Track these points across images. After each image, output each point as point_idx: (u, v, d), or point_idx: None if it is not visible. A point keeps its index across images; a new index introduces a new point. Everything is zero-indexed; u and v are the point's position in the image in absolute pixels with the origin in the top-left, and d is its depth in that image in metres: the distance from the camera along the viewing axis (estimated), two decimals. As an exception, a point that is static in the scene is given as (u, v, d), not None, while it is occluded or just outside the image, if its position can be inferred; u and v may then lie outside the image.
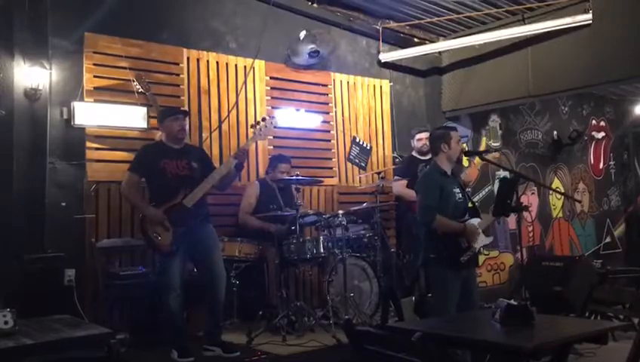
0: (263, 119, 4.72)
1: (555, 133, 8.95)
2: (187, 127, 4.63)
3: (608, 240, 9.65)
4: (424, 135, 6.12)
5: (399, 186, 6.24)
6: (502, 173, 7.39)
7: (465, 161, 5.06)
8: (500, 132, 8.26)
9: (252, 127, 4.73)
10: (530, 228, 8.39)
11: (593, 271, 6.33)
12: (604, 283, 6.46)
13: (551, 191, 8.63)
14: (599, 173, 9.79)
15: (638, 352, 2.71)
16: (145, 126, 5.26)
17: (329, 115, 6.59)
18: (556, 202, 8.85)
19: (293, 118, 6.30)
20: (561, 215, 8.97)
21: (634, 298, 2.93)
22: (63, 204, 4.91)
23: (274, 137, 6.13)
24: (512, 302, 2.76)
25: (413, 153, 6.41)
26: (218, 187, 4.50)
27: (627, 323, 2.64)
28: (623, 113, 10.04)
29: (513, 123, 8.45)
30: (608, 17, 5.89)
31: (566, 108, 9.18)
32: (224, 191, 4.71)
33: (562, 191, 8.85)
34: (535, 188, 8.42)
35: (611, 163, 9.98)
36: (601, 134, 9.82)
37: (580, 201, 9.02)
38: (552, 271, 5.81)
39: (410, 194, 5.54)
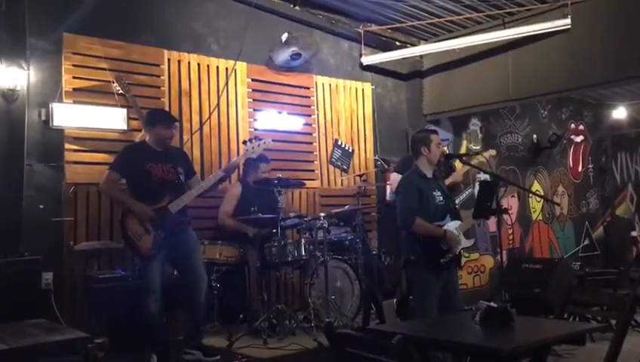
0: (258, 139, 4.70)
1: (534, 136, 9.04)
2: (175, 133, 4.60)
3: (587, 242, 9.75)
4: None
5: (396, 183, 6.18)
6: (482, 176, 7.43)
7: (459, 165, 5.04)
8: (480, 135, 8.32)
9: (244, 143, 4.70)
10: (511, 231, 8.45)
11: (572, 273, 6.41)
12: (582, 285, 6.54)
13: (530, 194, 8.70)
14: (578, 176, 9.89)
15: (615, 353, 2.73)
16: (125, 128, 5.21)
17: (311, 118, 6.59)
18: (536, 205, 8.93)
19: (275, 120, 6.29)
20: (540, 218, 9.05)
21: (612, 300, 2.97)
22: (41, 206, 4.85)
23: (256, 139, 6.11)
24: (492, 304, 2.76)
25: None
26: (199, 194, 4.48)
27: (605, 325, 2.65)
28: (601, 117, 10.17)
29: (493, 126, 8.52)
30: (587, 22, 5.96)
31: (545, 112, 9.28)
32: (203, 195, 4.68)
33: (541, 193, 8.92)
34: (515, 191, 8.49)
35: (590, 166, 10.10)
36: (580, 138, 9.93)
37: (558, 204, 9.11)
38: (531, 273, 5.86)
39: None
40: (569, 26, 6.05)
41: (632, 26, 5.70)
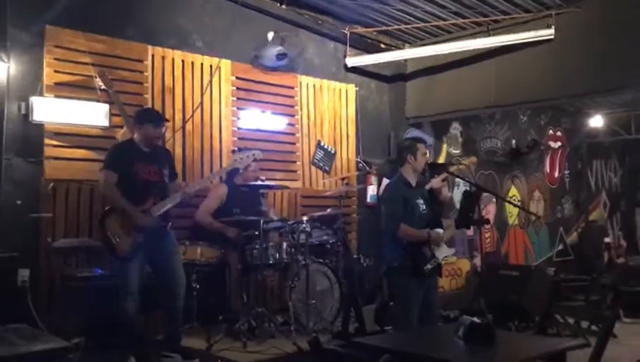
0: (247, 150, 4.71)
1: (513, 141, 9.15)
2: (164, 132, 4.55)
3: (561, 247, 9.92)
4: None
5: None
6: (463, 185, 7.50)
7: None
8: (460, 140, 8.39)
9: (233, 152, 4.69)
10: (488, 235, 8.56)
11: (547, 280, 6.51)
12: (557, 291, 6.65)
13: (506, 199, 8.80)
14: (554, 181, 10.05)
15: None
16: (107, 124, 5.12)
17: (294, 118, 6.57)
18: (512, 210, 9.05)
19: (259, 119, 6.25)
20: (517, 222, 9.18)
21: (593, 316, 3.02)
22: (19, 202, 4.74)
23: (238, 138, 6.08)
24: (475, 319, 2.79)
25: None
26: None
27: (585, 343, 2.70)
28: (578, 124, 10.34)
29: (474, 131, 8.60)
30: (570, 33, 6.05)
31: (525, 118, 9.39)
32: None
33: (520, 204, 9.04)
34: (494, 197, 8.58)
35: (566, 172, 10.27)
36: (558, 144, 10.08)
37: (539, 217, 9.23)
38: (508, 280, 5.94)
39: None
40: (552, 36, 6.13)
41: (614, 39, 5.79)
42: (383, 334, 3.61)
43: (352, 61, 7.01)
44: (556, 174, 10.08)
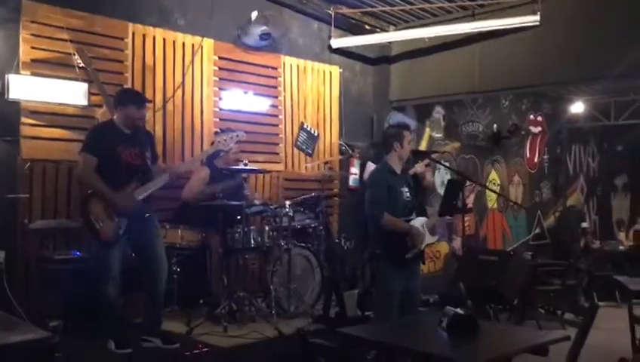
0: (231, 131, 4.64)
1: (495, 126, 9.18)
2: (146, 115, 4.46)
3: (538, 231, 10.05)
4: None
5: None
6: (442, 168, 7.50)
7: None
8: (443, 123, 8.39)
9: (215, 134, 4.61)
10: (467, 218, 8.60)
11: (525, 265, 6.58)
12: (534, 276, 6.74)
13: (489, 188, 8.84)
14: (534, 166, 10.14)
15: (575, 355, 2.84)
16: (85, 103, 4.99)
17: (277, 100, 6.49)
18: (492, 194, 9.11)
19: (241, 100, 6.17)
20: (495, 206, 9.25)
21: (573, 307, 3.05)
22: (-6, 182, 4.64)
23: (220, 119, 6.00)
24: (459, 311, 2.80)
25: None
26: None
27: (567, 335, 2.74)
28: (559, 109, 10.40)
29: (456, 115, 8.60)
30: (555, 20, 6.03)
31: (507, 103, 9.42)
32: None
33: (500, 189, 9.10)
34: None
35: (545, 157, 10.36)
36: (538, 129, 10.15)
37: (521, 206, 9.30)
38: (487, 265, 5.98)
39: None
40: (538, 23, 6.10)
41: (599, 28, 5.80)
42: (366, 324, 3.60)
43: (337, 42, 6.93)
44: (536, 159, 10.17)
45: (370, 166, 5.87)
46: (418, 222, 4.21)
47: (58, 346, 3.14)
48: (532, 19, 6.13)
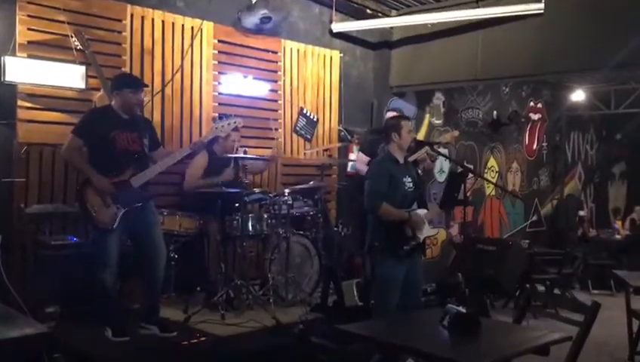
0: (228, 117, 4.56)
1: (495, 112, 9.12)
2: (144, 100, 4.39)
3: (535, 218, 10.05)
4: (392, 114, 6.02)
5: (360, 163, 6.10)
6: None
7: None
8: (442, 110, 8.33)
9: (213, 121, 4.55)
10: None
11: (524, 255, 6.59)
12: (531, 264, 6.76)
13: (487, 175, 8.82)
14: (532, 153, 10.11)
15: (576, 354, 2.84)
16: (83, 86, 4.91)
17: (277, 84, 6.42)
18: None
19: (241, 84, 6.09)
20: (493, 193, 9.24)
21: (573, 304, 3.05)
22: (-10, 166, 4.58)
23: (219, 104, 5.93)
24: (462, 309, 2.79)
25: None
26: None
27: (567, 337, 2.73)
28: (559, 97, 10.34)
29: (456, 101, 8.53)
30: (559, 9, 5.95)
31: (507, 89, 9.35)
32: None
33: (498, 177, 9.07)
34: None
35: (544, 144, 10.32)
36: (538, 116, 10.10)
37: (518, 197, 9.28)
38: (485, 254, 6.00)
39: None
40: (542, 11, 6.02)
41: (603, 18, 5.73)
42: (365, 321, 3.58)
43: (338, 27, 6.84)
44: (534, 146, 10.13)
45: (362, 156, 5.82)
46: (418, 213, 4.17)
47: (57, 343, 3.12)
48: (536, 7, 6.04)
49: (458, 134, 6.33)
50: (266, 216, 5.11)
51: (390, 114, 6.12)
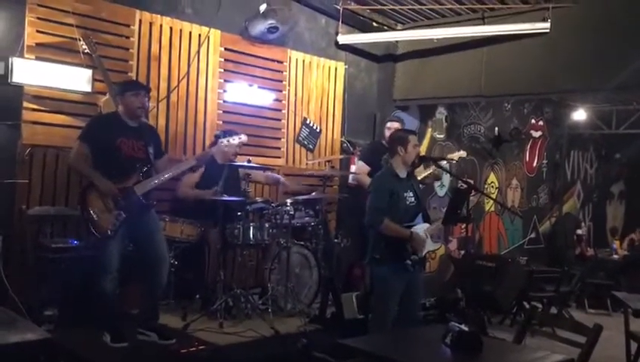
0: (234, 133, 4.58)
1: (496, 129, 9.15)
2: (148, 104, 4.37)
3: (533, 235, 10.07)
4: (395, 125, 6.05)
5: (360, 172, 6.11)
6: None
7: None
8: (445, 124, 8.35)
9: (217, 137, 4.64)
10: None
11: (522, 273, 6.58)
12: (529, 282, 6.75)
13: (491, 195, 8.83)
14: (532, 170, 10.13)
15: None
16: (89, 90, 4.92)
17: (282, 94, 6.44)
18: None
19: (246, 93, 6.11)
20: (493, 209, 9.25)
21: (573, 325, 3.05)
22: (-6, 166, 4.57)
23: (223, 112, 5.95)
24: (464, 327, 2.79)
25: (383, 141, 6.17)
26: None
27: (569, 359, 2.72)
28: (560, 115, 10.38)
29: (459, 116, 8.56)
30: (565, 29, 5.98)
31: (509, 106, 9.39)
32: None
33: (498, 193, 9.09)
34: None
35: (544, 162, 10.35)
36: (539, 133, 10.13)
37: (517, 214, 9.30)
38: (484, 270, 6.00)
39: (366, 181, 5.43)
40: (548, 30, 6.05)
41: (608, 39, 5.75)
42: (366, 336, 3.56)
43: (344, 39, 6.86)
44: (535, 163, 10.16)
45: (362, 165, 5.83)
46: (420, 228, 4.18)
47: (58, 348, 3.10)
48: (542, 26, 6.07)
49: (465, 154, 6.35)
50: (267, 225, 5.11)
51: (390, 123, 6.17)
